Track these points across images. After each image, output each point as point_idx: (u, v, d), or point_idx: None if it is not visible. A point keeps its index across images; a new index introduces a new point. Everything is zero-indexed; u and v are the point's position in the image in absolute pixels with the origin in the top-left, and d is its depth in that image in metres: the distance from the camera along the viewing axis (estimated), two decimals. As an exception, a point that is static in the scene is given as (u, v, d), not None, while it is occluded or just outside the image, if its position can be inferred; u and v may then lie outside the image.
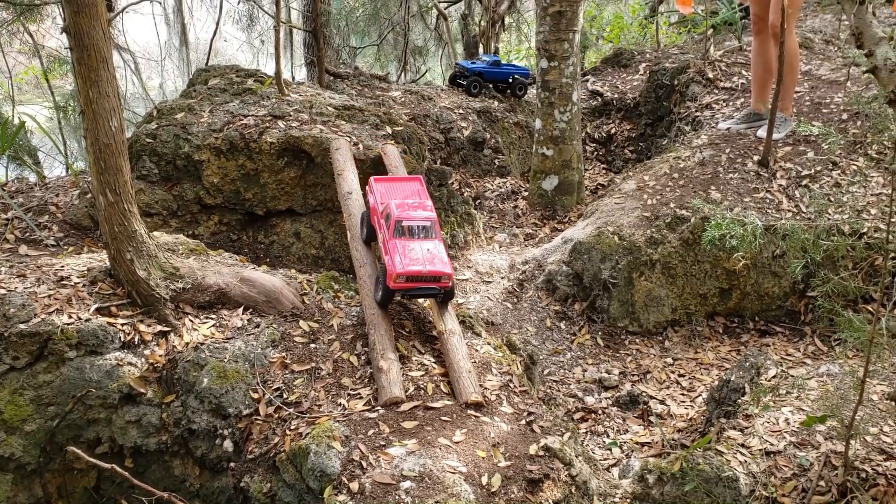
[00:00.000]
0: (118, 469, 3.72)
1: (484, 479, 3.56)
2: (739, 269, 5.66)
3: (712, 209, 3.97)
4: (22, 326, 4.00)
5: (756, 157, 6.31)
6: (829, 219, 4.97)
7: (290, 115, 6.23)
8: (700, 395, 5.16)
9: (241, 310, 4.56)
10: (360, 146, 5.97)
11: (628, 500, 3.79)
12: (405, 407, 4.00)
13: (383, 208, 4.50)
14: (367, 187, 4.97)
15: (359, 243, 4.99)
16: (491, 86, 9.04)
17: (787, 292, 5.78)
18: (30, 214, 5.53)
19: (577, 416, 5.14)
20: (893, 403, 2.61)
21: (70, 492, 4.25)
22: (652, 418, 4.97)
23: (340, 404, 4.03)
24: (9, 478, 4.01)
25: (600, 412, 5.16)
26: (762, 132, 6.40)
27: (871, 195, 5.77)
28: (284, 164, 5.86)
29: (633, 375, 5.53)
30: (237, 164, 5.80)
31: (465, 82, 9.01)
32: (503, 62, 9.37)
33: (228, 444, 4.06)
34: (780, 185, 6.06)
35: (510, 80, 8.99)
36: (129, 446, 4.19)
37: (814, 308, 5.55)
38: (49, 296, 4.24)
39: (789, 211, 5.81)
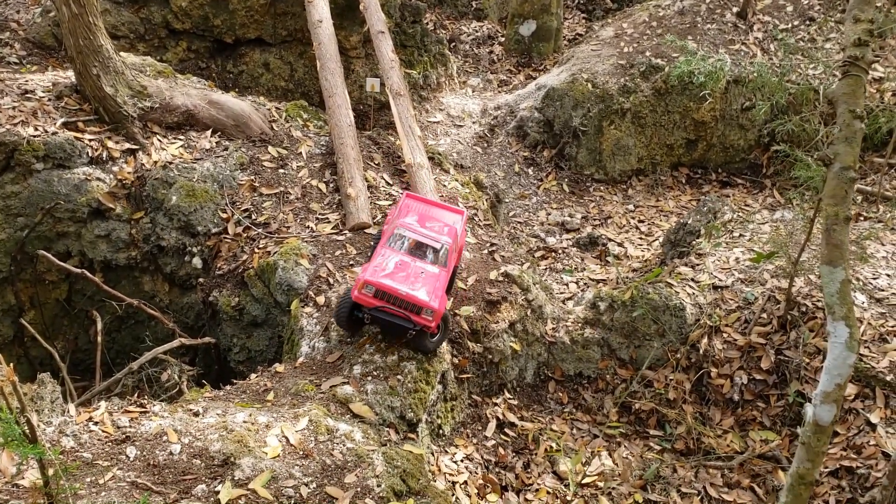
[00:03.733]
0: (88, 274, 3.83)
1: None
2: (707, 120, 5.72)
3: (683, 45, 3.96)
4: (-13, 135, 3.97)
5: (735, 9, 6.23)
6: (795, 71, 4.99)
7: (262, -61, 5.96)
8: (657, 240, 5.33)
9: (209, 132, 4.54)
10: (334, -25, 5.77)
11: (580, 325, 4.00)
12: (372, 232, 4.10)
13: (399, 220, 3.51)
14: (395, 205, 3.85)
15: (328, 73, 4.93)
16: None
17: (751, 145, 5.88)
18: (-11, 30, 5.34)
19: (538, 254, 5.31)
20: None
21: (42, 302, 4.35)
22: (609, 258, 5.16)
23: (308, 227, 4.12)
24: (-19, 284, 4.10)
25: (560, 252, 5.33)
26: (744, -17, 6.29)
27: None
28: (255, -10, 5.67)
29: (595, 220, 5.68)
30: (206, -13, 5.60)
31: None
32: None
33: (197, 261, 4.15)
34: (756, 38, 6.02)
35: None
36: (99, 261, 4.27)
37: (776, 160, 5.67)
38: (13, 108, 4.18)
39: (764, 64, 5.81)
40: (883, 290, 3.89)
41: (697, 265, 4.27)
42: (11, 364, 1.84)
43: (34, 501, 2.11)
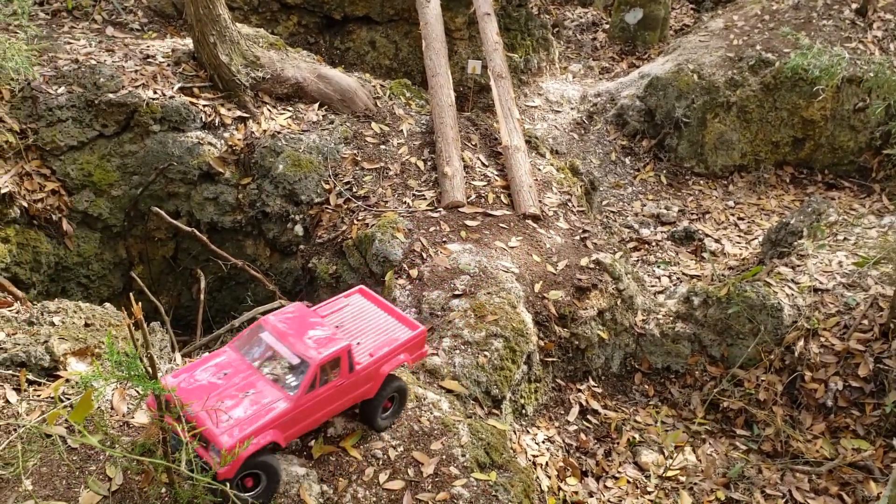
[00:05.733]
0: (197, 233, 4.01)
1: (534, 281, 3.75)
2: (817, 119, 5.53)
3: (798, 38, 3.85)
4: (111, 96, 4.18)
5: (855, 6, 5.98)
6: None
7: (375, -82, 6.06)
8: (756, 239, 5.20)
9: (316, 105, 4.67)
10: (444, -45, 5.82)
11: (671, 318, 3.96)
12: (466, 211, 4.15)
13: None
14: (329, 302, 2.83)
15: (433, 52, 4.99)
16: None
17: (861, 147, 5.65)
18: (116, -2, 5.61)
19: (630, 245, 5.26)
20: None
21: (150, 258, 4.58)
22: (705, 254, 5.06)
23: (405, 202, 4.20)
24: (97, 236, 4.34)
25: (654, 244, 5.26)
26: (867, -22, 6.03)
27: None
28: (366, -32, 5.78)
29: (692, 214, 5.57)
30: (319, -37, 5.73)
31: None
32: None
33: (299, 229, 4.29)
34: (875, 37, 5.77)
35: None
36: (206, 222, 4.46)
37: (887, 165, 5.44)
38: (136, 71, 4.40)
39: (881, 64, 5.57)
40: None
41: (798, 266, 4.16)
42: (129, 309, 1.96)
43: (149, 434, 2.25)
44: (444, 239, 3.93)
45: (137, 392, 2.57)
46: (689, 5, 8.00)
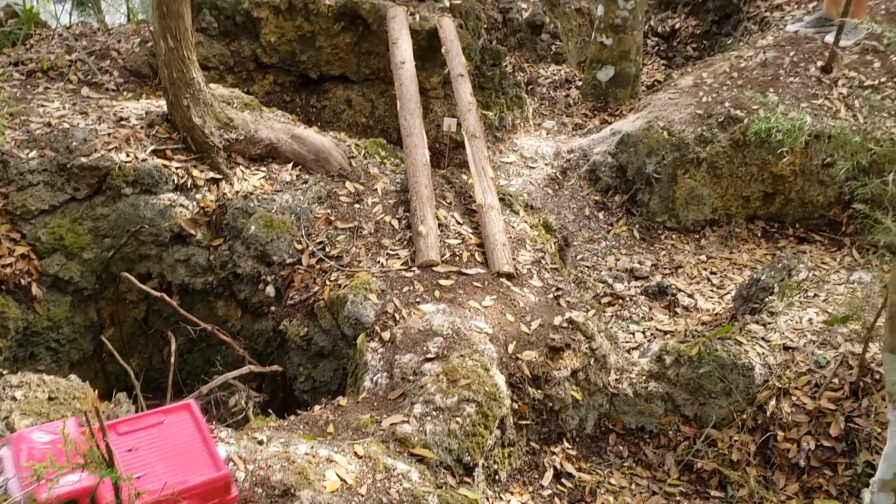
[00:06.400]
0: (167, 298, 3.99)
1: (507, 342, 3.74)
2: (786, 174, 5.62)
3: (762, 100, 3.93)
4: (83, 160, 4.19)
5: (820, 63, 6.13)
6: (880, 128, 4.88)
7: (350, -20, 6.17)
8: (729, 293, 5.24)
9: (290, 165, 4.70)
10: (417, 16, 5.93)
11: (644, 378, 3.96)
12: (440, 270, 4.16)
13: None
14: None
15: (407, 113, 5.05)
16: None
17: (831, 202, 5.73)
18: (92, 58, 5.65)
19: (604, 300, 5.27)
20: None
21: (121, 320, 4.55)
22: (678, 309, 5.09)
23: (379, 262, 4.21)
24: (67, 300, 4.30)
25: (628, 299, 5.29)
26: (830, 38, 6.19)
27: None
28: (341, 29, 5.86)
29: (665, 269, 5.61)
30: (295, 24, 5.81)
31: None
32: None
33: (271, 290, 4.28)
34: (841, 94, 5.91)
35: None
36: (177, 284, 4.45)
37: (856, 219, 5.52)
38: (109, 134, 4.41)
39: (846, 120, 5.69)
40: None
41: (769, 324, 4.19)
42: (88, 382, 1.93)
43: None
44: (417, 299, 3.93)
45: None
46: (660, 61, 8.17)
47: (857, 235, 5.55)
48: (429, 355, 3.47)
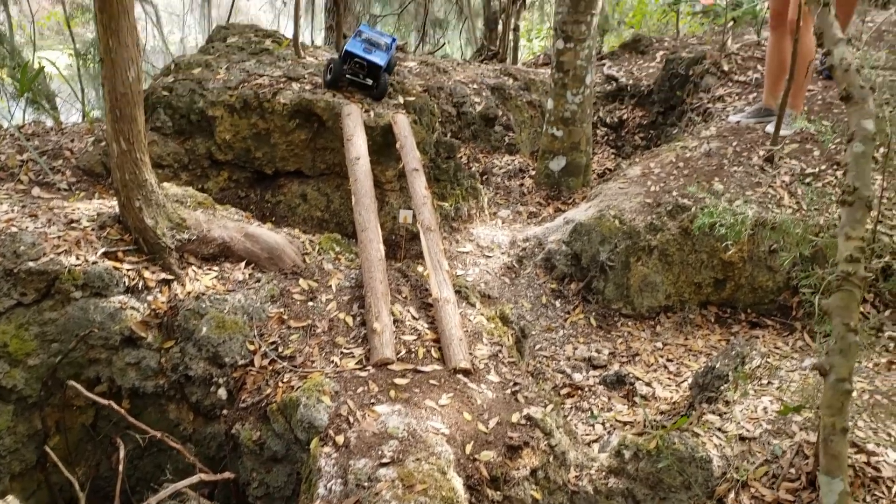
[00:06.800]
0: (115, 406, 3.88)
1: (465, 442, 3.69)
2: (735, 261, 5.74)
3: (707, 197, 4.05)
4: (31, 264, 4.13)
5: (762, 153, 6.36)
6: (822, 214, 5.04)
7: (305, 78, 6.31)
8: (686, 381, 5.26)
9: (243, 264, 4.68)
10: (371, 113, 6.05)
11: (604, 473, 3.92)
12: (395, 368, 4.12)
13: None
14: None
15: (362, 208, 5.09)
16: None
17: (780, 287, 5.86)
18: (44, 158, 5.64)
19: (563, 391, 5.26)
20: (819, 374, 2.70)
21: (67, 427, 4.39)
22: (636, 399, 5.09)
23: (333, 361, 4.16)
24: (10, 409, 4.16)
25: (587, 389, 5.28)
26: (770, 128, 6.45)
27: (874, 195, 5.83)
28: (296, 126, 5.95)
29: (623, 357, 5.64)
30: (249, 122, 5.89)
31: None
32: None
33: (223, 392, 4.19)
34: (784, 182, 6.11)
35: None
36: (127, 388, 4.33)
37: (804, 304, 5.63)
38: (59, 237, 4.36)
39: (790, 207, 5.87)
40: (918, 448, 3.77)
41: (725, 413, 4.20)
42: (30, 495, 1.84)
43: None
44: (372, 400, 3.88)
45: None
46: (609, 150, 8.41)
47: (808, 320, 5.65)
48: (384, 460, 3.40)
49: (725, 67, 8.25)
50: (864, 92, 2.27)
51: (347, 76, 6.09)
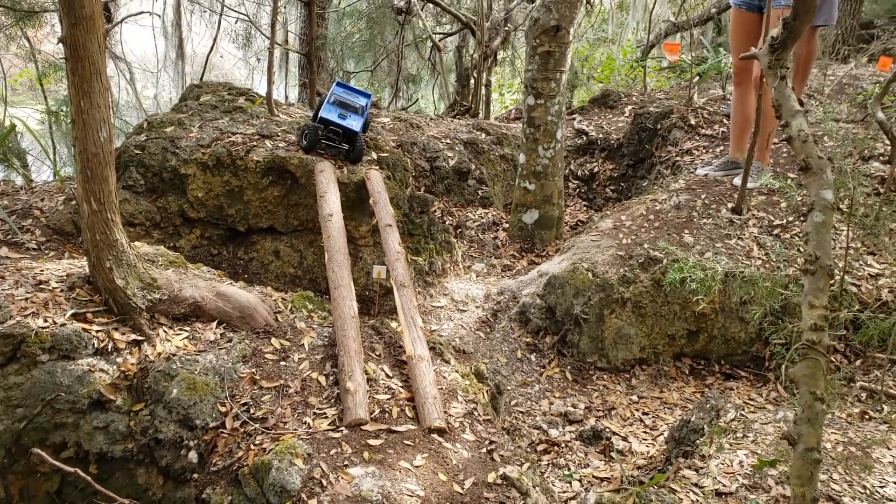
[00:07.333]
0: (81, 473, 3.76)
1: (441, 504, 3.64)
2: (707, 313, 5.79)
3: (675, 252, 4.10)
4: (-3, 327, 4.05)
5: (730, 205, 6.47)
6: (789, 268, 5.11)
7: (278, 136, 6.34)
8: (662, 434, 5.25)
9: (214, 324, 4.63)
10: (345, 169, 6.09)
11: (581, 533, 3.87)
12: (369, 429, 4.07)
13: None
14: None
15: (335, 265, 5.08)
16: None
17: (752, 338, 5.90)
18: (13, 217, 5.59)
19: (540, 447, 5.22)
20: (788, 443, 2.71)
21: (32, 495, 4.27)
22: (613, 454, 5.06)
23: (306, 422, 4.10)
24: (-28, 477, 4.04)
25: (563, 445, 5.24)
26: (738, 180, 6.58)
27: (839, 247, 5.93)
28: (269, 183, 5.96)
29: (599, 411, 5.62)
30: (222, 179, 5.89)
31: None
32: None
33: (193, 456, 4.11)
34: (752, 233, 6.21)
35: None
36: (95, 452, 4.23)
37: (777, 355, 5.67)
38: (26, 299, 4.30)
39: (759, 258, 5.96)
40: (892, 500, 3.77)
41: (701, 468, 4.19)
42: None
43: None
44: (345, 462, 3.82)
45: None
46: (581, 202, 8.51)
47: (780, 370, 5.68)
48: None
49: (692, 121, 8.43)
50: (822, 162, 2.33)
51: (323, 142, 6.14)
